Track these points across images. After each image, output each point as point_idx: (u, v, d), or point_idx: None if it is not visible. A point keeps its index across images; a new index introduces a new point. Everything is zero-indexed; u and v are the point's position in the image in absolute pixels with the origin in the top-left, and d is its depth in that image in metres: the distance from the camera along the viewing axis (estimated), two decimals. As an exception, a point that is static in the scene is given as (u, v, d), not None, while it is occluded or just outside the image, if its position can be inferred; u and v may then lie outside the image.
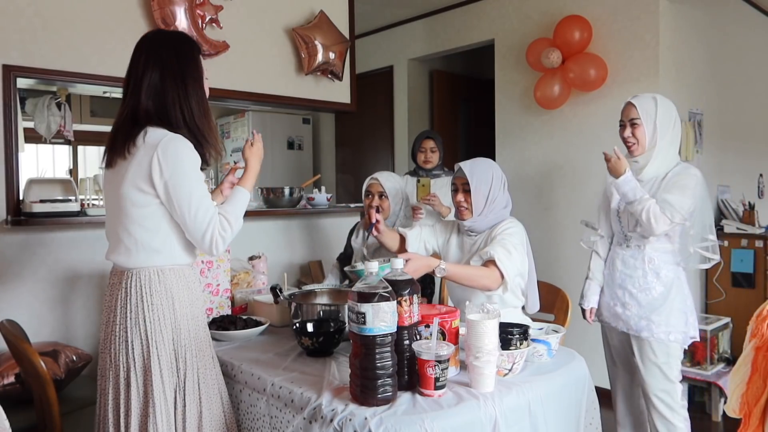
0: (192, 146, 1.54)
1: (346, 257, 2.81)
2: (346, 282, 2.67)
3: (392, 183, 2.58)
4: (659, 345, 2.18)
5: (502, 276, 1.92)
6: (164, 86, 1.56)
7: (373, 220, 2.21)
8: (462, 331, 1.57)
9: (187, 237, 1.56)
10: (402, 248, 2.25)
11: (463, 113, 5.16)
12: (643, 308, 2.20)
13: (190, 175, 1.52)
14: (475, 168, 2.10)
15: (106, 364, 1.58)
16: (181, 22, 2.68)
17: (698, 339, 2.25)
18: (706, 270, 3.76)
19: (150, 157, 1.49)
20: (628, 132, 2.23)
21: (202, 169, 1.59)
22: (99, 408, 1.60)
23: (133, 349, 1.52)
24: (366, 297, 1.33)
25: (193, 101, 1.58)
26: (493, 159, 3.70)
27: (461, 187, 2.11)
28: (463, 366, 1.56)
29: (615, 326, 2.30)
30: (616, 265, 2.30)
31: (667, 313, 2.17)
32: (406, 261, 1.76)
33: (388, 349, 1.35)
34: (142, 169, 1.50)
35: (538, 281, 2.23)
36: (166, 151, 1.49)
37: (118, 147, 1.56)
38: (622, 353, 2.37)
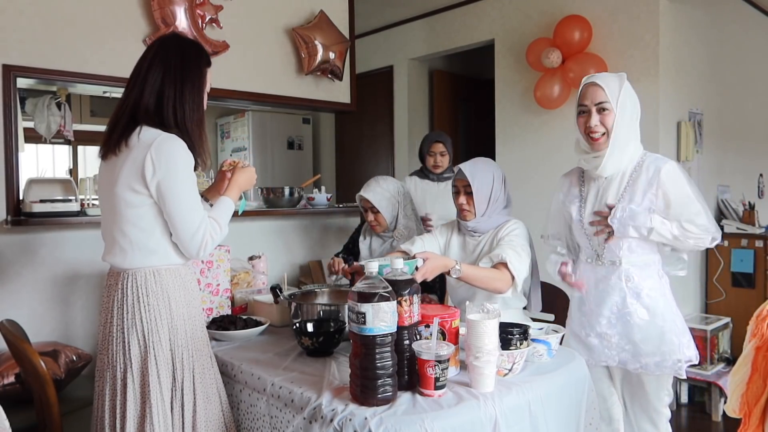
0: (186, 147, 1.54)
1: (349, 254, 2.79)
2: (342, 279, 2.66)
3: (380, 195, 2.49)
4: (648, 377, 1.89)
5: (513, 278, 1.93)
6: (163, 85, 1.57)
7: (337, 269, 2.15)
8: (462, 331, 1.58)
9: (173, 239, 1.55)
10: None
11: (463, 113, 5.16)
12: (625, 338, 1.87)
13: (183, 174, 1.52)
14: (475, 169, 2.10)
15: (104, 365, 1.58)
16: (181, 22, 2.68)
17: (695, 360, 1.87)
18: (706, 270, 3.77)
19: (143, 156, 1.50)
20: (595, 120, 1.82)
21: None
22: (96, 409, 1.60)
23: (129, 350, 1.52)
24: (366, 297, 1.33)
25: (187, 105, 1.59)
26: (493, 159, 3.70)
27: (462, 189, 2.11)
28: (463, 366, 1.56)
29: (587, 360, 1.89)
30: (587, 286, 1.96)
31: (656, 340, 1.85)
32: (424, 260, 1.78)
33: (388, 349, 1.35)
34: (135, 168, 1.51)
35: (537, 281, 2.23)
36: (159, 150, 1.50)
37: (112, 141, 1.57)
38: (597, 388, 1.96)
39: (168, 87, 1.57)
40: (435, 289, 2.63)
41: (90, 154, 5.33)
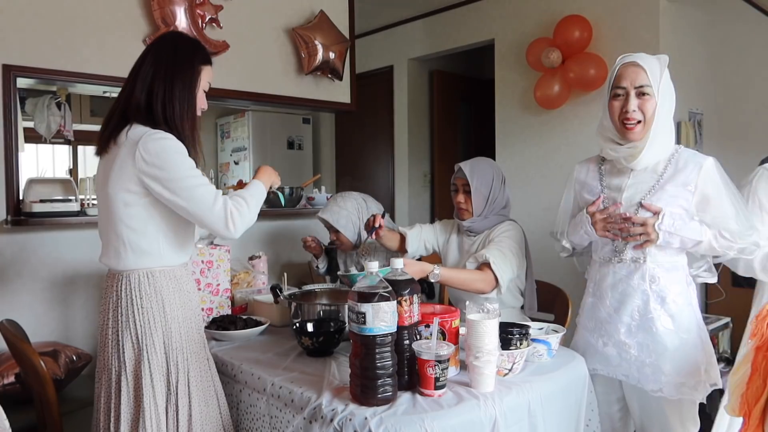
0: (175, 137, 1.51)
1: (330, 258, 2.79)
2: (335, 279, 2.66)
3: (337, 215, 2.44)
4: (670, 403, 1.68)
5: (497, 279, 1.92)
6: (153, 81, 1.54)
7: (377, 224, 2.14)
8: (462, 331, 1.58)
9: (198, 226, 1.52)
10: (402, 247, 2.25)
11: (463, 113, 5.17)
12: (646, 350, 1.67)
13: (178, 160, 1.48)
14: (475, 168, 2.10)
15: (101, 367, 1.57)
16: (181, 22, 2.68)
17: (719, 385, 1.65)
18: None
19: (132, 154, 1.47)
20: (634, 104, 1.60)
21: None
22: (95, 411, 1.59)
23: (124, 352, 1.51)
24: (366, 297, 1.33)
25: (177, 102, 1.55)
26: (493, 159, 3.70)
27: (461, 187, 2.11)
28: (463, 366, 1.56)
29: (605, 373, 1.75)
30: (603, 288, 1.74)
31: (681, 358, 1.64)
32: None
33: (388, 349, 1.35)
34: (125, 167, 1.48)
35: (537, 281, 2.23)
36: (147, 145, 1.47)
37: (103, 139, 1.57)
38: (607, 408, 1.83)
39: (158, 83, 1.54)
40: (423, 288, 2.64)
41: (90, 154, 5.33)
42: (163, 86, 1.54)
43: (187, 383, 1.55)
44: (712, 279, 1.74)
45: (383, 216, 2.22)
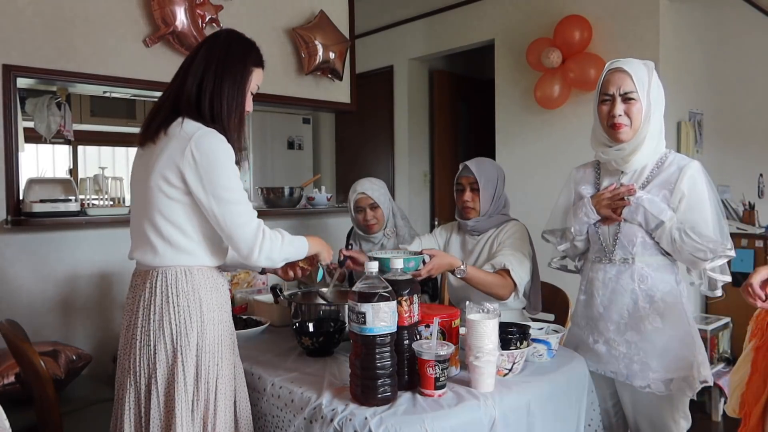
0: (226, 140, 1.47)
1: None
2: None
3: (377, 191, 2.49)
4: (660, 398, 1.71)
5: (515, 285, 1.94)
6: (204, 76, 1.51)
7: (341, 258, 2.00)
8: (462, 331, 1.58)
9: (224, 240, 1.45)
10: None
11: (463, 113, 5.16)
12: (635, 347, 1.71)
13: (227, 168, 1.44)
14: (481, 167, 2.11)
15: (125, 370, 1.48)
16: (181, 22, 2.67)
17: (710, 382, 1.69)
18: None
19: (182, 149, 1.42)
20: (620, 109, 1.68)
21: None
22: (115, 418, 1.50)
23: (155, 354, 1.42)
24: (366, 297, 1.33)
25: (225, 99, 1.51)
26: (493, 159, 3.70)
27: (468, 186, 2.12)
28: (463, 366, 1.56)
29: (594, 370, 1.78)
30: (594, 287, 1.79)
31: (669, 354, 1.69)
32: (431, 257, 1.80)
33: (388, 349, 1.35)
34: (172, 160, 1.43)
35: (538, 281, 2.23)
36: (200, 143, 1.42)
37: (152, 129, 1.51)
38: (602, 403, 1.83)
39: (208, 78, 1.51)
40: (426, 288, 2.64)
41: (90, 154, 5.33)
42: (212, 81, 1.51)
43: (214, 390, 1.46)
44: (727, 278, 1.70)
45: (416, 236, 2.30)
